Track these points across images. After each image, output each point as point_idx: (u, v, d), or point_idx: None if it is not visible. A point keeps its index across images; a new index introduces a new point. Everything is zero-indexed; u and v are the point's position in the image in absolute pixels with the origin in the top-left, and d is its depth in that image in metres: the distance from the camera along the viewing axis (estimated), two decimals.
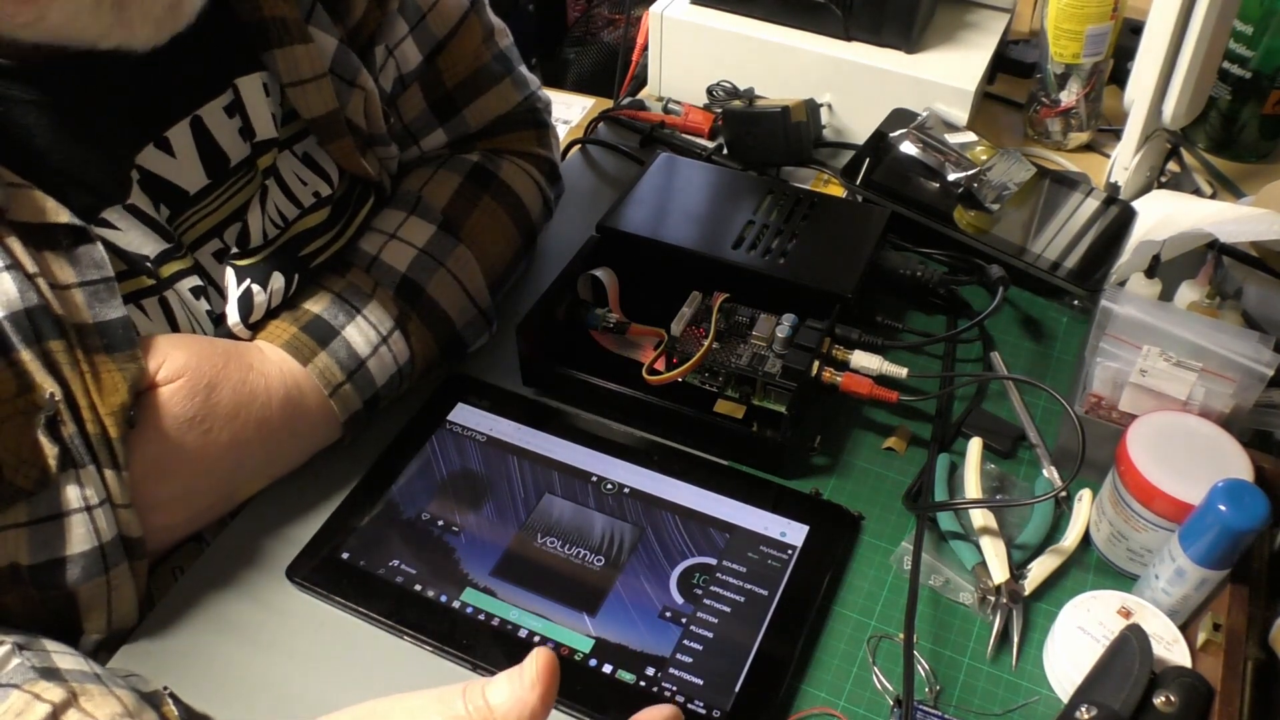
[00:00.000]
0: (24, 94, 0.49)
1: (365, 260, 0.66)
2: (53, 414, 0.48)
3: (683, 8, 0.98)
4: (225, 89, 0.58)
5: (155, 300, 0.57)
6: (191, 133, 0.57)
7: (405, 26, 0.69)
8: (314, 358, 0.61)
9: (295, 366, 0.60)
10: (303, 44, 0.59)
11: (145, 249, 0.55)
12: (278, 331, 0.61)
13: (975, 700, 0.55)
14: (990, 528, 0.62)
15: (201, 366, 0.56)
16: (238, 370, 0.57)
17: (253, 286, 0.61)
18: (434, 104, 0.74)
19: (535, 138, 0.80)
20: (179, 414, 0.54)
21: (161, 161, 0.56)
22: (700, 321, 0.71)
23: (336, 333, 0.62)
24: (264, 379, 0.58)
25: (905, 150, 0.85)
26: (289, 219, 0.63)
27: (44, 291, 0.48)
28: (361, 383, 0.62)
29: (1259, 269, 0.74)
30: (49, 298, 0.48)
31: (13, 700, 0.45)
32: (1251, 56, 0.91)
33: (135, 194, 0.55)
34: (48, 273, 0.49)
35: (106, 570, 0.52)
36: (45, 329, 0.48)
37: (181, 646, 0.56)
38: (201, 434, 0.55)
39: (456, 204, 0.71)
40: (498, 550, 0.60)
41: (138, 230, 0.55)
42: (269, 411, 0.58)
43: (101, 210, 0.53)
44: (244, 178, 0.60)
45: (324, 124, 0.62)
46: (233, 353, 0.58)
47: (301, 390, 0.60)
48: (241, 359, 0.58)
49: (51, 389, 0.48)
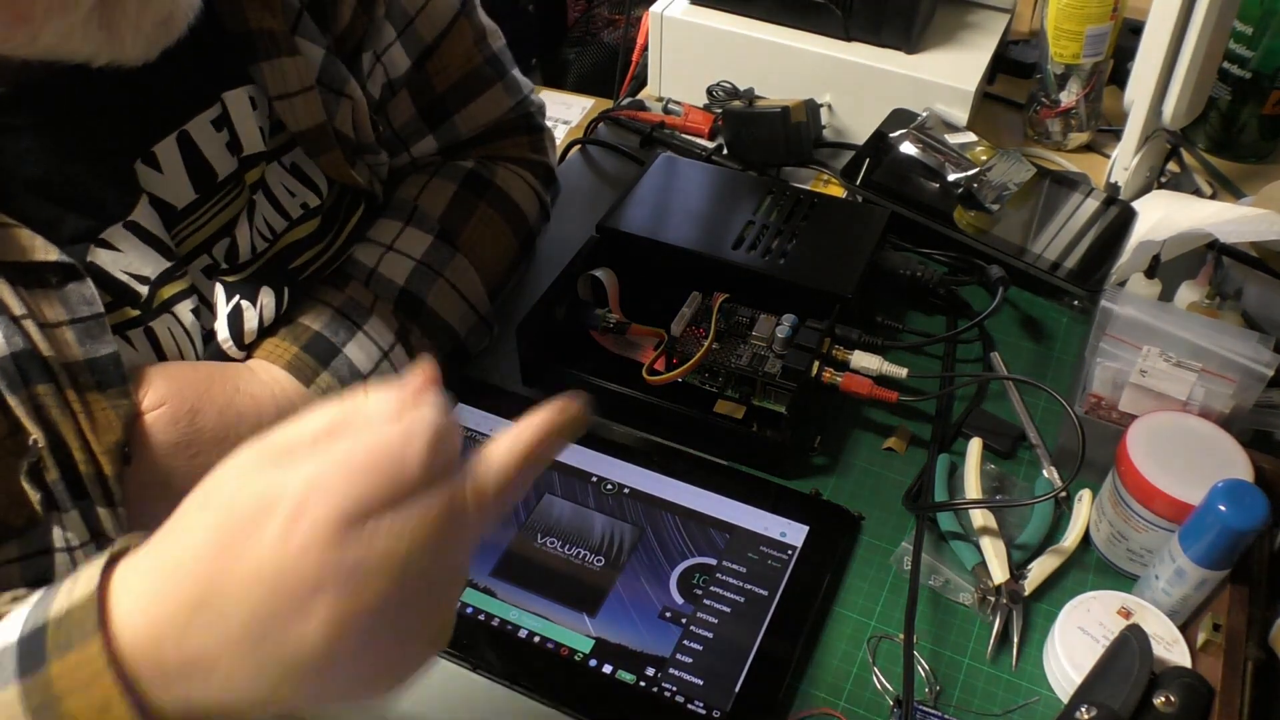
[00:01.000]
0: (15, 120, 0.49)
1: (363, 273, 0.65)
2: (35, 460, 0.48)
3: (683, 8, 0.98)
4: (213, 103, 0.57)
5: (141, 331, 0.56)
6: (179, 148, 0.56)
7: (393, 32, 0.68)
8: (316, 378, 0.60)
9: (289, 386, 0.59)
10: (290, 56, 0.58)
11: (145, 269, 0.55)
12: (278, 352, 0.61)
13: (975, 700, 0.55)
14: (990, 528, 0.62)
15: (184, 392, 0.55)
16: (222, 394, 0.56)
17: (242, 303, 0.60)
18: (423, 109, 0.73)
19: (530, 143, 0.79)
20: (164, 441, 0.54)
21: (149, 177, 0.55)
22: (700, 322, 0.71)
23: (338, 350, 0.61)
24: (253, 400, 0.57)
25: (905, 150, 0.85)
26: (277, 232, 0.62)
27: (31, 334, 0.48)
28: None
29: (1259, 269, 0.74)
30: (36, 340, 0.48)
31: None
32: (1251, 57, 0.91)
33: (140, 210, 0.54)
34: (37, 313, 0.48)
35: None
36: (32, 373, 0.48)
37: None
38: (189, 459, 0.54)
39: (453, 213, 0.70)
40: (497, 550, 0.60)
41: (138, 250, 0.54)
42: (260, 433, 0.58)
43: (103, 230, 0.53)
44: (231, 192, 0.59)
45: (312, 136, 0.61)
46: (216, 376, 0.57)
47: (296, 409, 0.59)
48: (227, 381, 0.57)
49: (35, 435, 0.48)
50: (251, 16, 0.56)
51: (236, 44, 0.57)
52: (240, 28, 0.56)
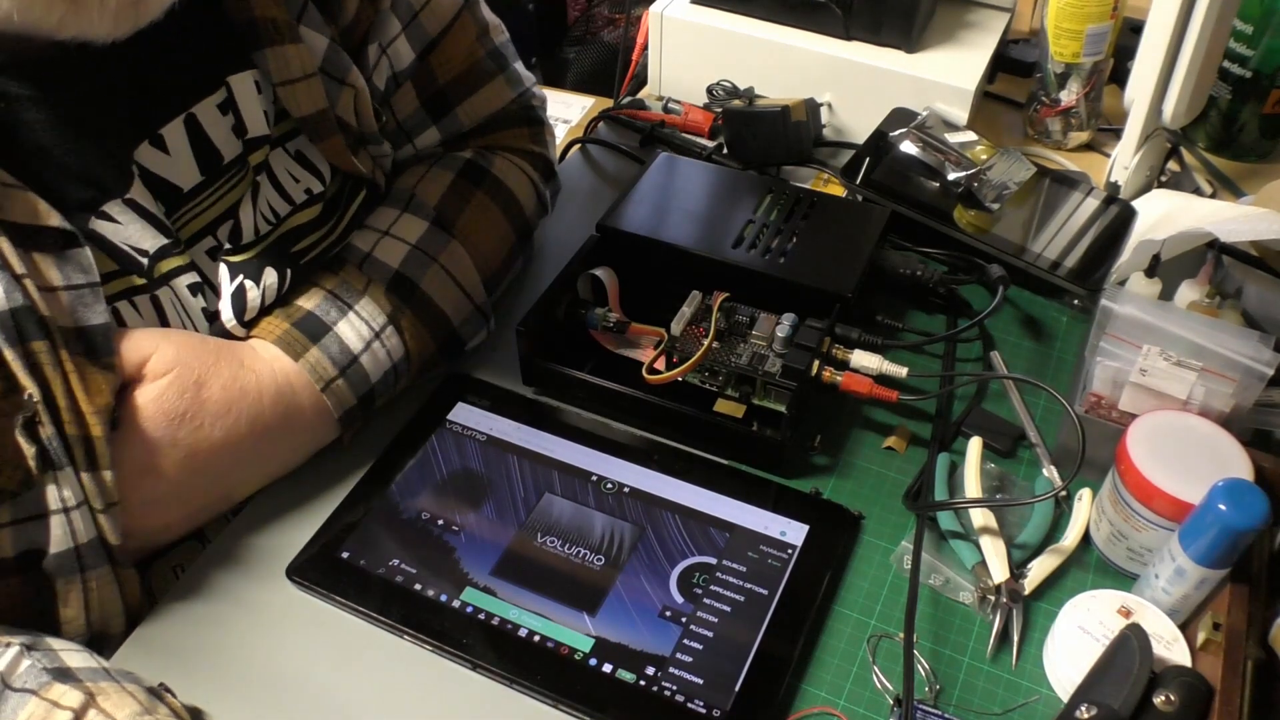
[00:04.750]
0: (21, 89, 0.49)
1: (358, 257, 0.66)
2: (31, 415, 0.48)
3: (683, 7, 0.98)
4: (219, 87, 0.58)
5: (147, 298, 0.57)
6: (186, 130, 0.57)
7: (398, 25, 0.69)
8: (305, 353, 0.61)
9: (287, 363, 0.60)
10: (293, 44, 0.59)
11: (144, 243, 0.55)
12: (270, 328, 0.61)
13: (975, 700, 0.55)
14: (990, 527, 0.62)
15: (190, 362, 0.56)
16: (228, 367, 0.57)
17: (245, 283, 0.61)
18: (427, 102, 0.74)
19: (529, 135, 0.79)
20: (168, 410, 0.54)
21: (156, 158, 0.56)
22: (700, 321, 0.71)
23: (328, 328, 0.62)
24: (255, 376, 0.58)
25: (905, 150, 0.85)
26: (281, 215, 0.63)
27: (30, 292, 0.48)
28: (355, 378, 0.62)
29: (1259, 269, 0.74)
30: (35, 298, 0.49)
31: (31, 708, 0.44)
32: (1251, 56, 0.91)
33: (136, 188, 0.55)
34: (36, 274, 0.49)
35: (82, 571, 0.52)
36: (29, 329, 0.48)
37: (181, 645, 0.56)
38: (192, 430, 0.55)
39: (449, 200, 0.70)
40: (498, 549, 0.60)
41: (137, 224, 0.55)
42: (261, 408, 0.58)
43: (103, 204, 0.53)
44: (236, 175, 0.60)
45: (314, 123, 0.62)
46: (223, 350, 0.58)
47: (294, 387, 0.60)
48: (232, 356, 0.58)
49: (30, 390, 0.48)
50: (256, 5, 0.57)
51: (240, 30, 0.57)
52: (243, 16, 0.57)
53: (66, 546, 0.51)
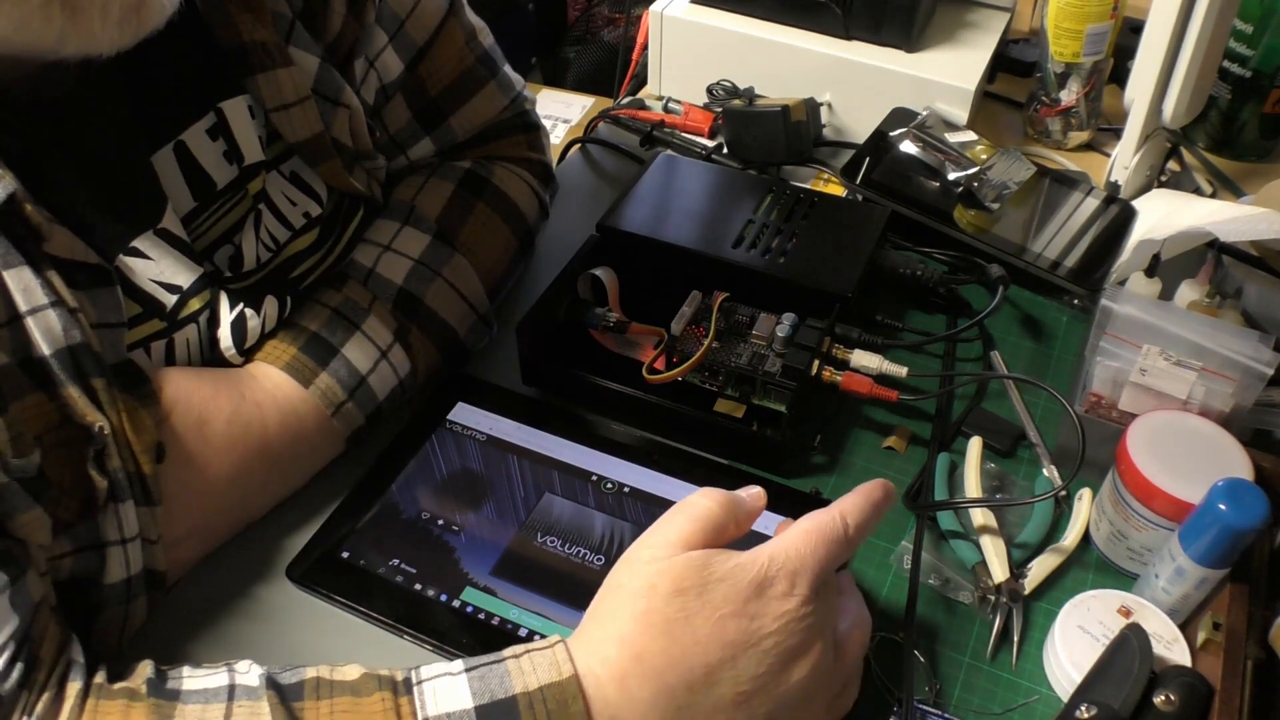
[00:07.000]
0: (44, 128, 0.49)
1: (361, 273, 0.65)
2: (101, 447, 0.48)
3: (683, 7, 0.98)
4: (207, 112, 0.57)
5: (162, 343, 0.56)
6: (175, 158, 0.56)
7: (384, 36, 0.67)
8: (315, 379, 0.60)
9: (292, 390, 0.59)
10: (284, 68, 0.57)
11: (179, 278, 0.55)
12: (276, 353, 0.60)
13: (975, 699, 0.55)
14: (990, 527, 0.62)
15: (190, 400, 0.55)
16: (229, 401, 0.57)
17: (246, 311, 0.60)
18: (419, 113, 0.72)
19: (526, 142, 0.79)
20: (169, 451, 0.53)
21: None
22: (700, 321, 0.71)
23: (336, 351, 0.61)
24: (257, 408, 0.58)
25: (905, 149, 0.85)
26: (281, 242, 0.62)
27: (85, 328, 0.47)
28: (363, 399, 0.62)
29: (1259, 268, 0.74)
30: (89, 335, 0.48)
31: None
32: (1251, 56, 0.91)
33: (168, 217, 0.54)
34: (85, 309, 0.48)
35: (128, 601, 0.52)
36: (87, 366, 0.47)
37: (181, 645, 0.56)
38: (199, 471, 0.55)
39: (450, 213, 0.70)
40: (498, 549, 0.60)
41: (170, 258, 0.54)
42: (266, 440, 0.58)
43: (133, 239, 0.53)
44: (231, 200, 0.59)
45: (310, 147, 0.60)
46: (221, 382, 0.57)
47: (299, 414, 0.59)
48: (232, 389, 0.57)
49: (100, 422, 0.48)
50: (243, 29, 0.56)
51: (230, 56, 0.56)
52: (233, 40, 0.56)
53: (119, 577, 0.51)
